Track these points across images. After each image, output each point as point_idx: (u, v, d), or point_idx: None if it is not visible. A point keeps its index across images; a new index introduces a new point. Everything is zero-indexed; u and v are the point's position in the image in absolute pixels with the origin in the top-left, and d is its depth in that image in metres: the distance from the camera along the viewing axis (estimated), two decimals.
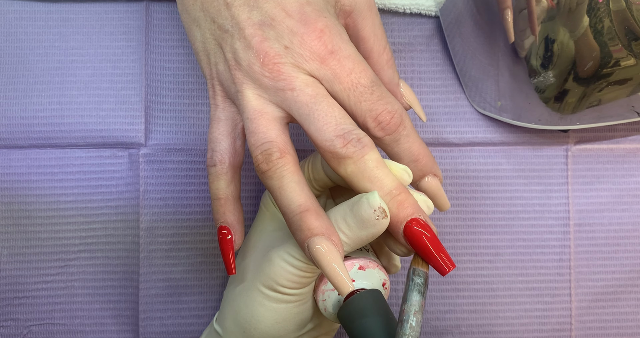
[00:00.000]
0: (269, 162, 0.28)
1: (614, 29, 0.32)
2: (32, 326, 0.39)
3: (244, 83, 0.29)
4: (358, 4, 0.31)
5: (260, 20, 0.28)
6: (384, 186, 0.28)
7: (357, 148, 0.28)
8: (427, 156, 0.31)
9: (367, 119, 0.29)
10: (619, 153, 0.40)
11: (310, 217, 0.28)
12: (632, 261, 0.40)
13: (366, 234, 0.28)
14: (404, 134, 0.29)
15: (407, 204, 0.28)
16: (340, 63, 0.28)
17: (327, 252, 0.27)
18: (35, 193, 0.39)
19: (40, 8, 0.39)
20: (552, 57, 0.34)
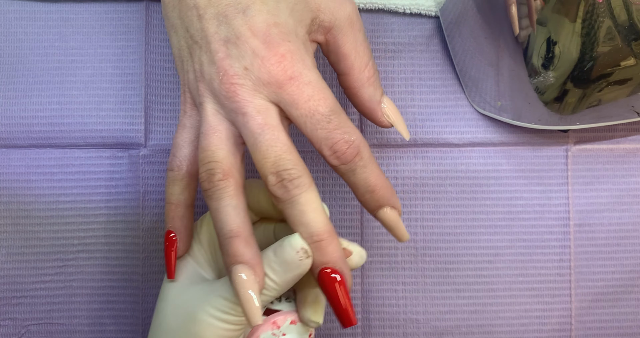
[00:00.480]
0: (210, 182, 0.29)
1: (614, 29, 0.32)
2: (30, 326, 0.39)
3: (205, 96, 0.29)
4: (338, 21, 0.31)
5: (226, 37, 0.28)
6: (308, 229, 0.28)
7: (287, 189, 0.28)
8: (385, 188, 0.30)
9: (322, 147, 0.29)
10: (619, 153, 0.40)
11: (239, 244, 0.28)
12: (632, 261, 0.40)
13: (292, 275, 0.29)
14: (360, 165, 0.29)
15: (327, 252, 0.28)
16: (299, 89, 0.28)
17: (246, 281, 0.28)
18: (34, 193, 0.39)
19: (40, 8, 0.39)
20: (553, 59, 0.34)
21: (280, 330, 0.31)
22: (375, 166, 0.30)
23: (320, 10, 0.30)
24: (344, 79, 0.33)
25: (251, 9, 0.28)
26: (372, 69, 0.33)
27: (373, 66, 0.33)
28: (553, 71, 0.34)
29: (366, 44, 0.32)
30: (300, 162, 0.28)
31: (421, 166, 0.40)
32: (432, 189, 0.40)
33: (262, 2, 0.28)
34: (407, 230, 0.39)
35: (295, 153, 0.28)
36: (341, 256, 0.28)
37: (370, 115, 0.34)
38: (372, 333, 0.40)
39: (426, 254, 0.40)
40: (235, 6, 0.28)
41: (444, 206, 0.40)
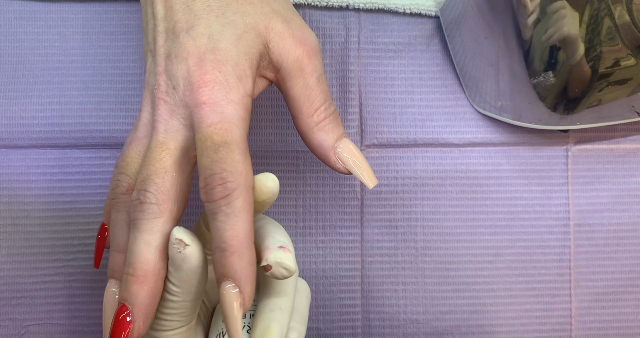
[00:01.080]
0: (114, 193, 0.29)
1: (614, 29, 0.32)
2: (30, 326, 0.39)
3: (144, 104, 0.29)
4: (285, 63, 0.29)
5: (168, 52, 0.28)
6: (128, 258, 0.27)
7: (134, 210, 0.27)
8: (239, 255, 0.26)
9: (200, 177, 0.27)
10: (619, 153, 0.40)
11: (119, 260, 0.29)
12: (632, 261, 0.40)
13: (184, 272, 0.27)
14: (223, 211, 0.26)
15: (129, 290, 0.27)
16: (206, 114, 0.27)
17: (113, 295, 0.29)
18: (34, 193, 0.39)
19: (40, 8, 0.39)
20: (555, 65, 0.34)
21: None
22: (240, 224, 0.26)
23: (269, 48, 0.29)
24: (295, 122, 0.31)
25: (194, 30, 0.28)
26: (324, 114, 0.31)
27: (326, 110, 0.31)
28: (554, 73, 0.34)
29: (319, 88, 0.30)
30: (167, 191, 0.27)
31: (421, 166, 0.40)
32: (432, 189, 0.40)
33: (206, 25, 0.28)
34: (407, 230, 0.40)
35: (168, 180, 0.27)
36: (142, 302, 0.26)
37: (323, 160, 0.31)
38: (372, 333, 0.40)
39: (426, 254, 0.40)
40: (183, 24, 0.28)
41: (444, 206, 0.40)
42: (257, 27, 0.29)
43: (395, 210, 0.40)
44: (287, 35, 0.29)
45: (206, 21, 0.28)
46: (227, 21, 0.28)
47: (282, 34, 0.29)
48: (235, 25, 0.28)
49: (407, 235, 0.40)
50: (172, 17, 0.28)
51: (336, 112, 0.32)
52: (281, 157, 0.40)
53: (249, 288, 0.26)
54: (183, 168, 0.28)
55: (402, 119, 0.40)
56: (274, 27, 0.29)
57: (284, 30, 0.29)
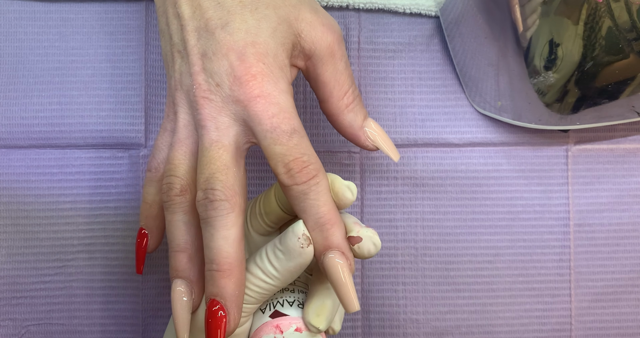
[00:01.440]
0: (167, 195, 0.29)
1: (614, 30, 0.32)
2: (30, 326, 0.39)
3: (181, 105, 0.30)
4: (317, 50, 0.30)
5: (203, 51, 0.28)
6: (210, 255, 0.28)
7: (205, 209, 0.28)
8: (338, 226, 0.29)
9: (277, 164, 0.28)
10: (619, 153, 0.40)
11: (183, 259, 0.29)
12: (632, 261, 0.40)
13: (294, 264, 0.28)
14: (314, 190, 0.28)
15: (219, 284, 0.28)
16: (264, 107, 0.28)
17: (181, 294, 0.29)
18: (34, 193, 0.39)
19: (40, 8, 0.39)
20: (555, 61, 0.34)
21: (283, 335, 0.30)
22: (330, 201, 0.29)
23: (301, 37, 0.30)
24: (324, 106, 0.33)
25: (230, 26, 0.28)
26: (352, 96, 0.33)
27: (353, 92, 0.33)
28: (554, 72, 0.34)
29: (347, 72, 0.32)
30: (232, 186, 0.28)
31: (421, 166, 0.40)
32: (432, 189, 0.40)
33: (242, 20, 0.28)
34: (407, 230, 0.40)
35: (232, 176, 0.28)
36: (233, 293, 0.28)
37: (353, 140, 0.34)
38: (372, 333, 0.40)
39: (426, 254, 0.40)
40: (216, 21, 0.28)
41: (444, 206, 0.40)
42: (289, 18, 0.29)
43: (395, 210, 0.40)
44: (318, 24, 0.30)
45: (241, 16, 0.28)
46: (261, 16, 0.29)
47: (313, 23, 0.30)
48: (269, 19, 0.29)
49: (407, 235, 0.40)
50: (203, 15, 0.28)
51: (360, 94, 0.34)
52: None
53: (351, 254, 0.29)
54: (239, 162, 0.29)
55: (402, 119, 0.40)
56: (304, 17, 0.30)
57: (314, 19, 0.30)
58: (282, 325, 0.30)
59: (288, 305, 0.31)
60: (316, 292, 0.30)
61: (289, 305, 0.31)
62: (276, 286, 0.29)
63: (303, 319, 0.30)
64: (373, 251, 0.29)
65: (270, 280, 0.29)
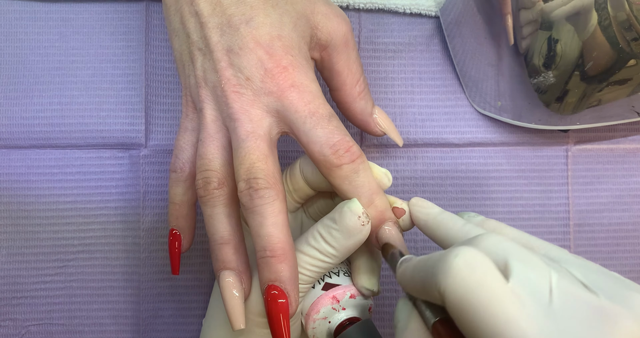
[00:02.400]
0: (205, 190, 0.30)
1: (614, 29, 0.32)
2: (31, 326, 0.39)
3: (206, 102, 0.30)
4: (333, 40, 0.32)
5: (228, 46, 0.29)
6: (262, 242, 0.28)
7: (251, 198, 0.28)
8: (386, 199, 0.30)
9: (323, 147, 0.28)
10: (619, 153, 0.40)
11: (229, 251, 0.30)
12: (632, 261, 0.40)
13: (353, 242, 0.29)
14: (362, 168, 0.29)
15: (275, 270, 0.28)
16: (299, 95, 0.29)
17: (233, 284, 0.29)
18: (34, 194, 0.39)
19: (40, 8, 0.39)
20: (554, 57, 0.34)
21: (340, 304, 0.31)
22: (374, 179, 0.30)
23: (318, 29, 0.31)
24: (336, 94, 0.34)
25: (254, 21, 0.29)
26: (363, 84, 0.34)
27: (364, 81, 0.34)
28: (553, 71, 0.34)
29: (358, 62, 0.33)
30: (273, 174, 0.28)
31: (421, 166, 0.40)
32: (432, 189, 0.40)
33: (265, 15, 0.29)
34: None
35: (271, 164, 0.28)
36: (290, 277, 0.28)
37: (363, 126, 0.35)
38: None
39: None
40: (239, 17, 0.29)
41: (444, 206, 0.39)
42: (305, 12, 0.30)
43: None
44: (332, 15, 0.31)
45: (264, 11, 0.29)
46: (282, 11, 0.29)
47: (328, 15, 0.31)
48: (289, 14, 0.30)
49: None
50: (224, 11, 0.29)
51: (368, 82, 0.35)
52: (281, 157, 0.40)
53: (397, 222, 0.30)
54: (273, 151, 0.29)
55: (402, 119, 0.40)
56: (320, 9, 0.31)
57: (329, 11, 0.31)
58: (337, 295, 0.31)
59: (335, 275, 0.32)
60: (362, 257, 0.32)
61: (336, 276, 0.32)
62: (333, 264, 0.29)
63: (355, 285, 0.32)
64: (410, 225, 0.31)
65: (329, 259, 0.29)
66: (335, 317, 0.31)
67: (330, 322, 0.31)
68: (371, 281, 0.32)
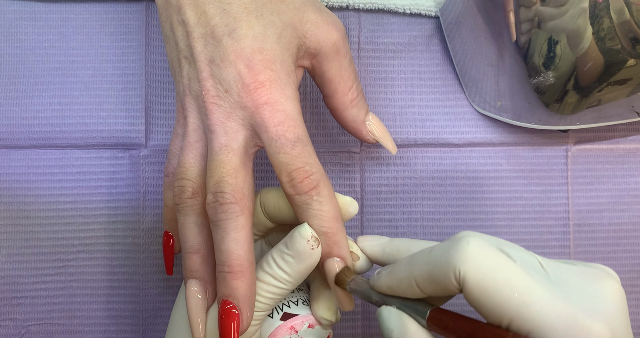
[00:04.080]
0: (180, 198, 0.30)
1: (614, 29, 0.32)
2: (31, 326, 0.39)
3: (190, 110, 0.30)
4: (323, 48, 0.31)
5: (211, 57, 0.29)
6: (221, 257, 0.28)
7: (215, 212, 0.28)
8: (339, 235, 0.29)
9: (281, 173, 0.29)
10: (618, 153, 0.40)
11: (197, 260, 0.30)
12: (632, 261, 0.40)
13: (304, 266, 0.29)
14: (315, 200, 0.29)
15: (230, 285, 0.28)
16: (271, 114, 0.28)
17: (196, 294, 0.30)
18: (34, 194, 0.39)
19: (40, 8, 0.39)
20: (554, 58, 0.34)
21: (298, 335, 0.31)
22: (332, 208, 0.29)
23: (307, 37, 0.31)
24: (328, 101, 0.34)
25: (237, 32, 0.28)
26: (356, 92, 0.34)
27: (357, 88, 0.34)
28: (553, 71, 0.34)
29: (351, 69, 0.33)
30: (241, 189, 0.28)
31: (421, 166, 0.40)
32: (432, 189, 0.40)
33: (248, 27, 0.29)
34: (407, 230, 0.40)
35: (241, 179, 0.28)
36: (244, 294, 0.28)
37: (355, 134, 0.35)
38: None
39: None
40: (222, 28, 0.29)
41: (444, 206, 0.40)
42: (293, 22, 0.30)
43: (395, 210, 0.40)
44: (322, 23, 0.31)
45: (247, 23, 0.29)
46: (267, 22, 0.29)
47: (317, 23, 0.31)
48: (274, 25, 0.29)
49: (407, 235, 0.40)
50: (208, 22, 0.29)
51: (362, 89, 0.35)
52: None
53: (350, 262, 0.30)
54: (247, 165, 0.29)
55: (402, 119, 0.40)
56: (309, 18, 0.31)
57: (319, 19, 0.31)
58: (295, 325, 0.31)
59: (294, 305, 0.32)
60: (320, 287, 0.32)
61: (295, 305, 0.32)
62: (287, 290, 0.30)
63: (314, 315, 0.32)
64: (366, 268, 0.31)
65: (283, 285, 0.29)
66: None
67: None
68: (330, 311, 0.32)
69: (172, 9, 0.30)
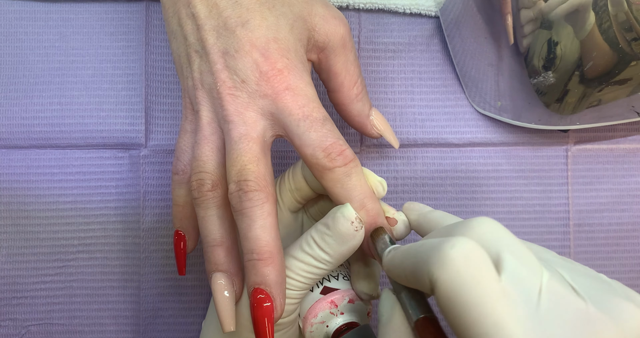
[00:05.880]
0: (199, 191, 0.30)
1: (613, 29, 0.32)
2: (31, 326, 0.39)
3: (202, 104, 0.30)
4: (331, 42, 0.31)
5: (224, 49, 0.29)
6: (249, 245, 0.28)
7: (240, 200, 0.28)
8: (378, 203, 0.30)
9: (316, 150, 0.28)
10: (619, 153, 0.40)
11: (221, 253, 0.30)
12: (632, 261, 0.40)
13: (347, 248, 0.29)
14: (355, 171, 0.29)
15: (261, 273, 0.28)
16: (293, 98, 0.29)
17: (224, 287, 0.29)
18: (34, 194, 0.39)
19: (40, 8, 0.39)
20: (554, 60, 0.34)
21: (338, 309, 0.31)
22: (366, 183, 0.30)
23: (316, 31, 0.31)
24: (334, 96, 0.34)
25: (250, 23, 0.29)
26: (361, 86, 0.34)
27: (361, 82, 0.34)
28: (553, 72, 0.34)
29: (356, 63, 0.33)
30: (264, 176, 0.28)
31: (421, 166, 0.40)
32: (432, 189, 0.40)
33: (261, 17, 0.29)
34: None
35: (263, 167, 0.28)
36: (276, 280, 0.28)
37: (360, 128, 0.35)
38: None
39: None
40: (235, 19, 0.29)
41: (444, 206, 0.40)
42: (302, 14, 0.30)
43: None
44: (330, 17, 0.31)
45: (260, 14, 0.29)
46: (279, 13, 0.29)
47: (326, 17, 0.31)
48: (286, 16, 0.30)
49: None
50: (221, 14, 0.29)
51: (365, 83, 0.35)
52: (281, 157, 0.40)
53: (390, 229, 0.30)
54: (266, 154, 0.29)
55: (402, 119, 0.40)
56: (317, 12, 0.31)
57: (326, 13, 0.31)
58: (335, 299, 0.31)
59: (334, 279, 0.32)
60: (360, 262, 0.32)
61: (335, 279, 0.32)
62: (328, 270, 0.29)
63: (354, 289, 0.32)
64: (404, 233, 0.31)
65: (323, 265, 0.29)
66: (333, 321, 0.31)
67: (328, 326, 0.31)
68: (370, 286, 0.31)
69: (180, 4, 0.30)
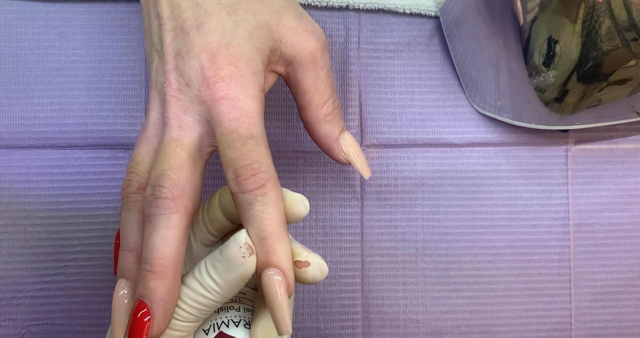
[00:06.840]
0: (124, 192, 0.29)
1: (614, 29, 0.32)
2: (31, 326, 0.39)
3: (153, 104, 0.29)
4: (299, 56, 0.30)
5: (178, 50, 0.28)
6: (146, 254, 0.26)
7: (149, 205, 0.27)
8: (281, 242, 0.26)
9: (227, 169, 0.27)
10: (619, 153, 0.40)
11: (130, 259, 0.28)
12: (632, 261, 0.40)
13: (234, 276, 0.26)
14: (259, 200, 0.26)
15: (148, 286, 0.26)
16: (226, 109, 0.27)
17: (123, 295, 0.28)
18: (34, 194, 0.39)
19: (40, 8, 0.39)
20: (554, 57, 0.34)
21: None
22: (277, 213, 0.27)
23: (282, 42, 0.30)
24: (302, 113, 0.32)
25: (205, 27, 0.28)
26: (332, 107, 0.32)
27: (333, 103, 0.32)
28: (553, 71, 0.35)
29: (328, 81, 0.32)
30: (182, 186, 0.27)
31: (421, 166, 0.40)
32: (432, 189, 0.40)
33: (218, 21, 0.28)
34: (407, 230, 0.40)
35: (184, 175, 0.27)
36: (161, 298, 0.26)
37: (327, 151, 0.33)
38: (372, 333, 0.40)
39: (426, 254, 0.40)
40: (192, 21, 0.28)
41: (444, 206, 0.40)
42: (269, 24, 0.29)
43: (395, 210, 0.40)
44: (301, 30, 0.30)
45: (217, 18, 0.28)
46: (239, 19, 0.28)
47: (295, 29, 0.30)
48: (247, 23, 0.28)
49: (407, 235, 0.40)
50: (180, 15, 0.28)
51: (340, 105, 0.33)
52: (281, 157, 0.40)
53: (292, 275, 0.27)
54: (197, 164, 0.28)
55: (402, 119, 0.40)
56: (287, 23, 0.30)
57: (297, 25, 0.30)
58: None
59: (234, 325, 0.29)
60: (263, 311, 0.29)
61: (234, 326, 0.29)
62: (216, 302, 0.27)
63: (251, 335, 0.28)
64: (319, 278, 0.28)
65: (210, 295, 0.27)
66: None
67: None
68: (265, 336, 0.28)
69: (150, 3, 0.29)
